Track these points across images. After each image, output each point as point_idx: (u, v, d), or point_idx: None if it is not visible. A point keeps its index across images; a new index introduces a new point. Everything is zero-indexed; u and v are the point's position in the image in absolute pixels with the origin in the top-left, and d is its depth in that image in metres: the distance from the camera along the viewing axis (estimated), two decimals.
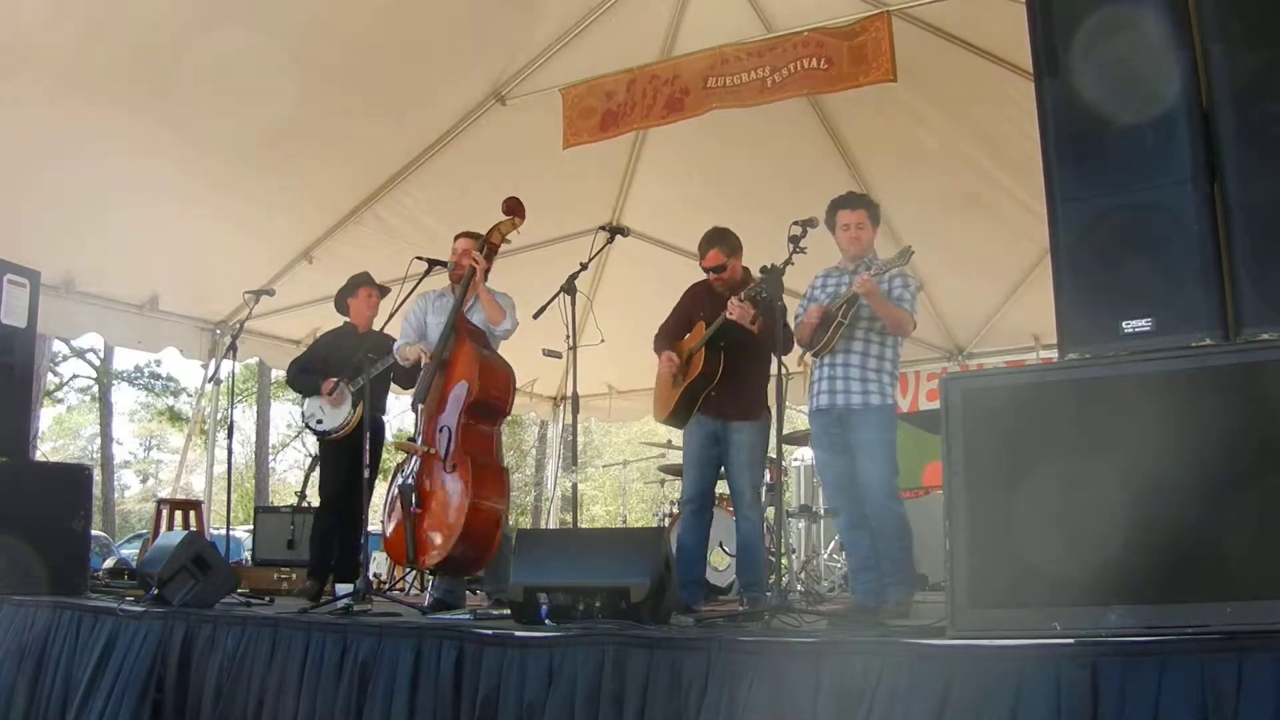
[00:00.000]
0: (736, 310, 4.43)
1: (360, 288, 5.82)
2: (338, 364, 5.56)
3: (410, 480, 4.54)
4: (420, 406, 4.68)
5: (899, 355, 4.43)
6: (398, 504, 4.56)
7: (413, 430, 4.90)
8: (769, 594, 4.43)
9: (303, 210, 6.93)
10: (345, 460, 5.51)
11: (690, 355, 4.74)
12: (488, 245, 4.89)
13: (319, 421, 5.62)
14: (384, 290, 5.82)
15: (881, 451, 4.23)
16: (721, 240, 4.80)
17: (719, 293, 4.73)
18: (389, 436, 6.23)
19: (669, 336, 4.92)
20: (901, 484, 4.36)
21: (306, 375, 5.81)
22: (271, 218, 6.85)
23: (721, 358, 4.62)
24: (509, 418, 4.85)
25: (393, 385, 5.67)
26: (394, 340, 5.24)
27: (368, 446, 4.94)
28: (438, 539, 4.43)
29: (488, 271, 4.83)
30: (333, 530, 5.55)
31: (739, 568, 4.81)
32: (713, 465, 4.78)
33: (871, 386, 4.28)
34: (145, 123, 5.70)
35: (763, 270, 4.45)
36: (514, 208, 4.90)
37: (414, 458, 4.62)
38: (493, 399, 4.63)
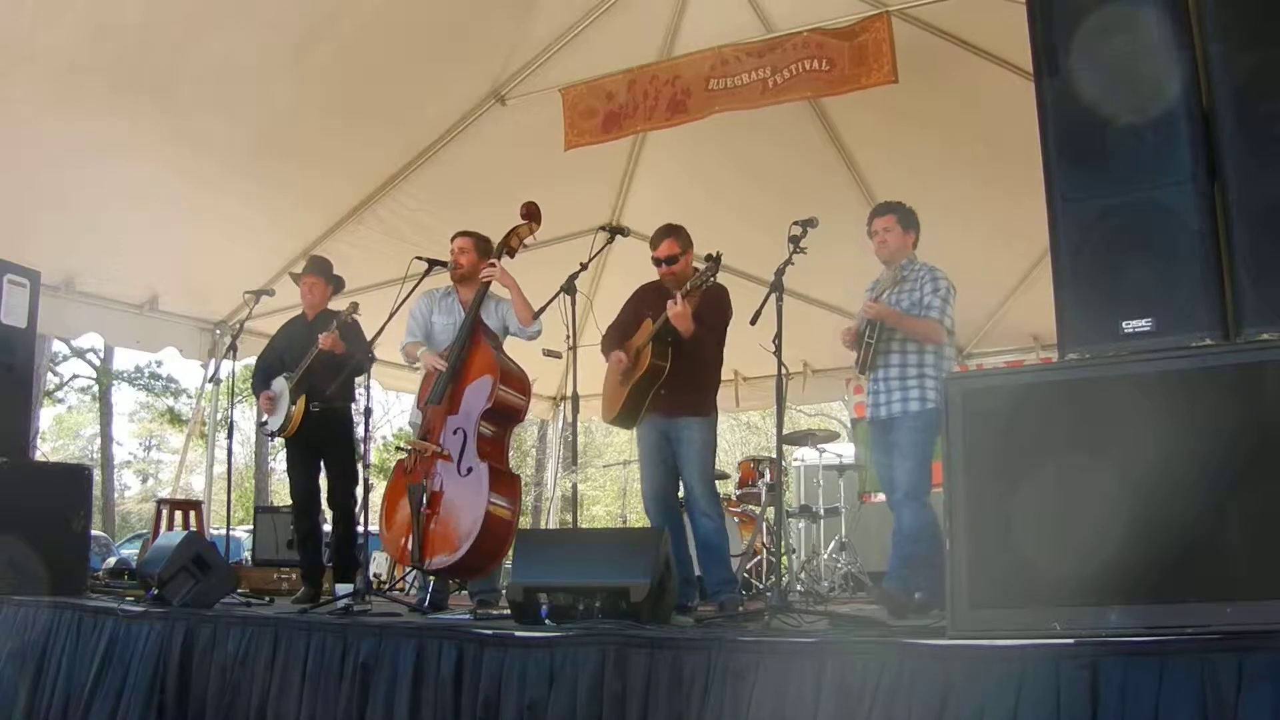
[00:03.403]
0: (674, 311, 4.39)
1: (301, 277, 5.69)
2: (292, 360, 5.47)
3: (421, 481, 4.50)
4: (429, 406, 4.66)
5: (947, 356, 4.45)
6: (402, 503, 4.53)
7: (413, 430, 4.88)
8: (768, 593, 4.42)
9: (302, 210, 6.93)
10: (302, 458, 5.42)
11: (638, 352, 4.67)
12: (506, 249, 4.89)
13: (264, 423, 5.58)
14: (335, 280, 5.68)
15: (910, 454, 4.32)
16: (676, 233, 4.79)
17: (667, 291, 4.72)
18: (386, 434, 6.21)
19: (618, 337, 4.87)
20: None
21: (257, 377, 5.77)
22: (271, 218, 6.85)
23: (670, 353, 4.57)
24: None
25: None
26: (336, 316, 5.21)
27: (366, 447, 4.94)
28: (450, 543, 4.36)
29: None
30: (312, 533, 5.49)
31: (704, 569, 4.71)
32: (667, 465, 4.73)
33: (912, 394, 4.37)
34: (145, 123, 5.70)
35: (708, 258, 4.47)
36: (532, 212, 4.90)
37: (422, 457, 4.58)
38: (511, 405, 4.62)
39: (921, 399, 4.35)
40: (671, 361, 4.57)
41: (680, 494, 4.86)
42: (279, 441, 5.90)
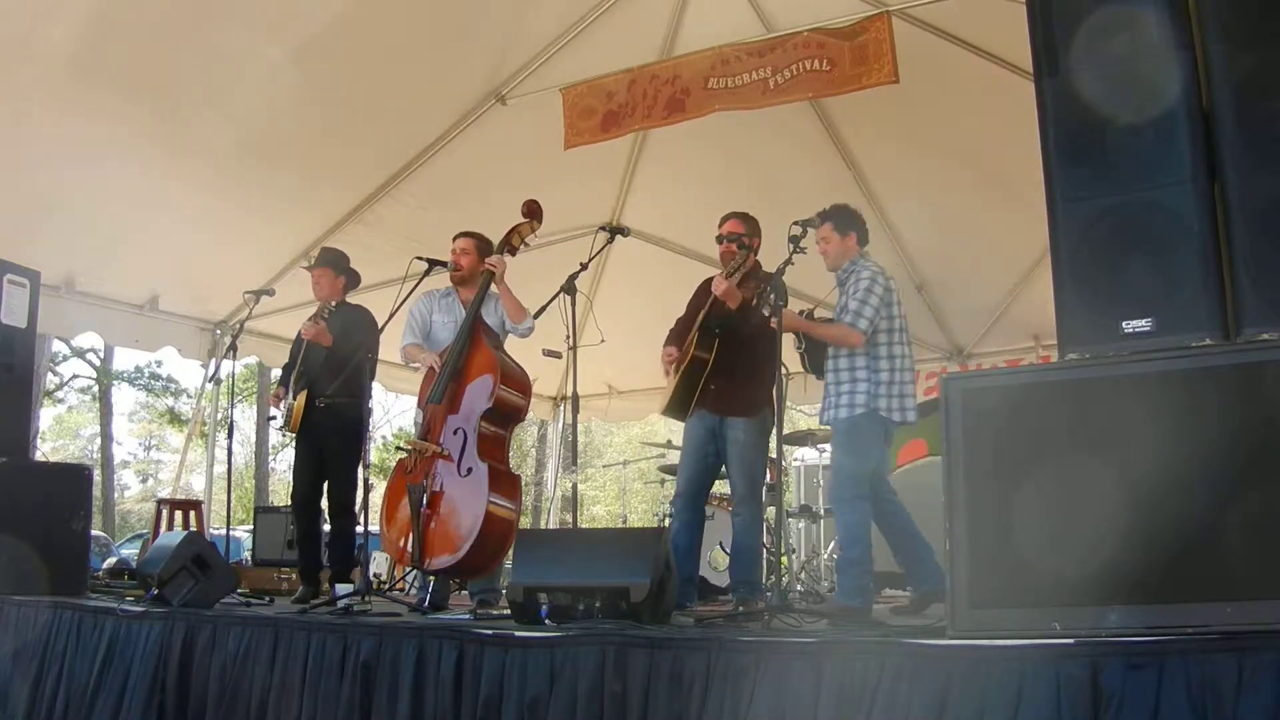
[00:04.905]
0: (722, 287, 4.40)
1: (314, 267, 5.67)
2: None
3: (421, 481, 4.50)
4: (429, 406, 4.66)
5: (883, 356, 4.35)
6: (403, 504, 4.53)
7: (414, 430, 4.88)
8: (768, 594, 4.43)
9: (303, 210, 6.93)
10: (305, 454, 5.41)
11: (688, 343, 4.70)
12: (508, 247, 4.89)
13: (272, 418, 5.61)
14: (349, 273, 5.64)
15: (834, 461, 4.41)
16: (744, 217, 4.83)
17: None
18: (386, 434, 6.21)
19: (679, 332, 4.91)
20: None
21: (283, 372, 5.78)
22: (271, 217, 6.85)
23: (716, 343, 4.57)
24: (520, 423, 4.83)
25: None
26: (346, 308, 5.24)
27: (369, 445, 4.93)
28: (450, 543, 4.36)
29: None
30: (311, 531, 5.49)
31: (731, 566, 4.81)
32: (706, 462, 4.73)
33: (842, 399, 4.37)
34: (146, 123, 5.70)
35: (741, 246, 4.51)
36: (533, 210, 4.89)
37: (422, 457, 4.57)
38: (511, 404, 4.61)
39: (850, 405, 4.32)
40: (716, 354, 4.56)
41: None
42: (279, 442, 5.93)
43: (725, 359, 4.57)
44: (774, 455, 4.45)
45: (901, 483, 5.06)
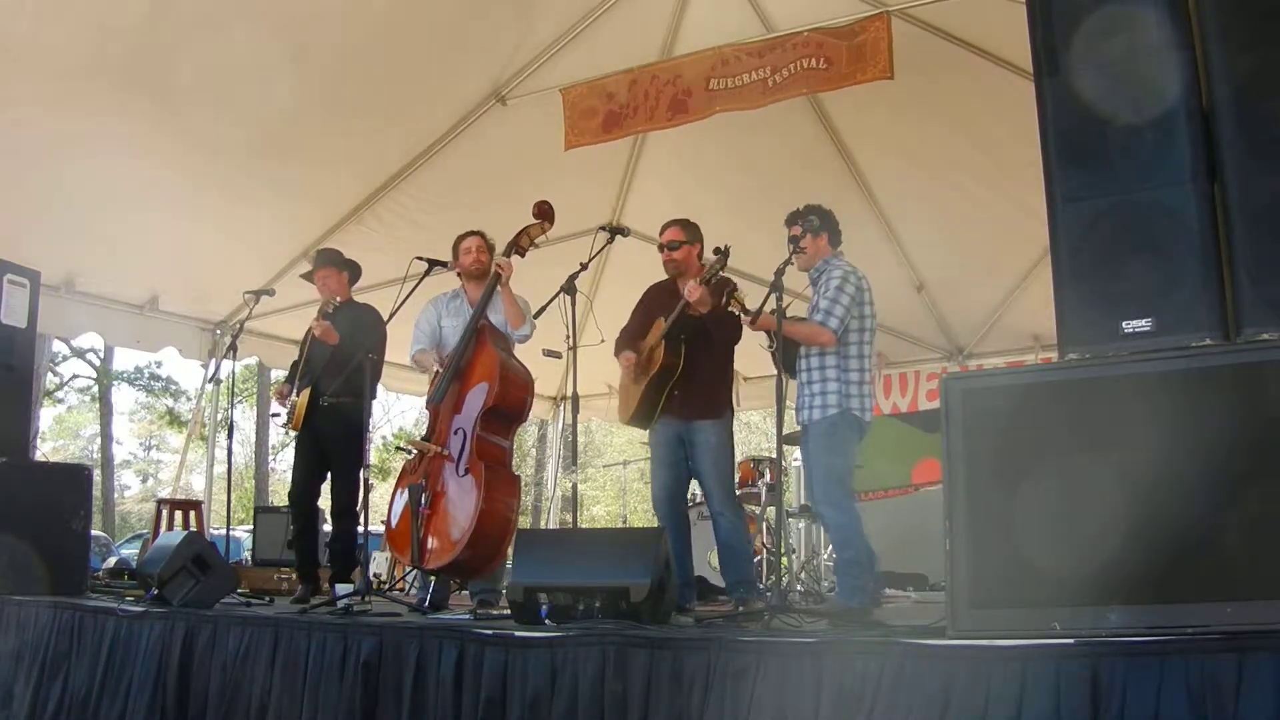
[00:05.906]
0: (696, 293, 4.38)
1: (314, 273, 5.64)
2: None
3: (420, 481, 4.50)
4: (433, 405, 4.66)
5: (853, 355, 4.31)
6: (406, 503, 4.53)
7: (417, 429, 4.89)
8: (768, 593, 4.43)
9: (303, 210, 6.93)
10: (305, 452, 5.41)
11: (650, 351, 4.69)
12: (516, 248, 4.88)
13: (275, 414, 5.61)
14: (350, 266, 5.63)
15: (815, 463, 4.34)
16: (684, 224, 4.82)
17: (677, 291, 4.69)
18: (387, 434, 6.21)
19: (630, 338, 4.89)
20: (890, 483, 4.37)
21: (290, 370, 5.80)
22: (271, 217, 6.85)
23: (683, 350, 4.57)
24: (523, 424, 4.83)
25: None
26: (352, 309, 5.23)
27: (369, 446, 4.92)
28: (447, 542, 4.37)
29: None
30: (308, 529, 5.50)
31: (723, 567, 4.80)
32: (679, 467, 4.74)
33: (816, 400, 4.32)
34: (145, 122, 5.69)
35: (716, 251, 4.43)
36: (544, 212, 4.86)
37: (426, 457, 4.57)
38: (511, 405, 4.61)
39: (823, 406, 4.29)
40: (685, 360, 4.57)
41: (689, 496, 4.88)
42: (279, 442, 5.93)
43: (691, 365, 4.58)
44: (774, 455, 4.45)
45: (926, 501, 4.99)
